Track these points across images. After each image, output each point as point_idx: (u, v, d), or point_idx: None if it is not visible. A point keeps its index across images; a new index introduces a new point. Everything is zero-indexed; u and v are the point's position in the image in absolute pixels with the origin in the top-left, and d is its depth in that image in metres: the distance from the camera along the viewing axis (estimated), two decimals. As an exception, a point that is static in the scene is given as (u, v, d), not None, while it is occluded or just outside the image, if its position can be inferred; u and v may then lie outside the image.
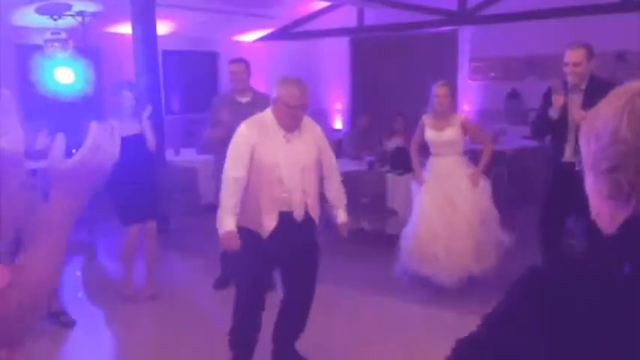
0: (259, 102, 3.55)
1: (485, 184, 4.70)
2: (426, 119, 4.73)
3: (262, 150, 3.22)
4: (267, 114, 3.32)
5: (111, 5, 7.38)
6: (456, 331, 3.97)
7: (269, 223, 3.27)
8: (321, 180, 3.49)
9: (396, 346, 3.94)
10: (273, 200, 3.25)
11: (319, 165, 3.43)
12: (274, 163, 3.23)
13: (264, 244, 3.29)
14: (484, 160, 4.66)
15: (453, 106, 4.71)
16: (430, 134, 4.70)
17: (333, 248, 6.18)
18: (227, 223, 3.22)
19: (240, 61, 4.84)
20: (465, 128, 4.64)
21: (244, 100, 4.67)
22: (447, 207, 4.59)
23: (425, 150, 4.93)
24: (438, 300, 4.60)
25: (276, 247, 3.30)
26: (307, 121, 3.37)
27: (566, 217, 4.44)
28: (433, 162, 4.78)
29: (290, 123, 3.26)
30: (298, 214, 3.32)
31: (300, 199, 3.31)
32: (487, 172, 4.87)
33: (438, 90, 4.58)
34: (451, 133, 4.61)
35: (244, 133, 3.27)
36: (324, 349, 3.88)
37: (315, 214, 3.41)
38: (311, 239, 3.49)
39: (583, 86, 4.08)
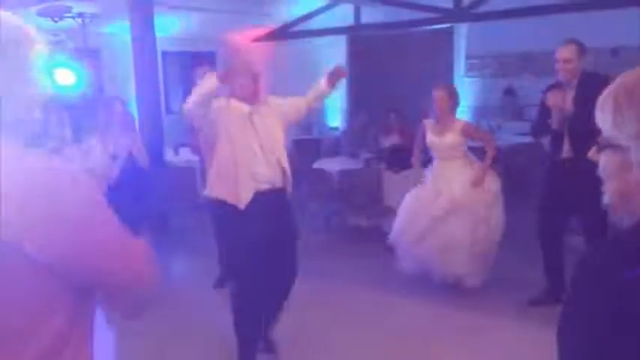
0: None
1: (489, 189, 4.61)
2: (428, 124, 4.75)
3: (232, 129, 3.35)
4: (228, 100, 3.43)
5: (111, 7, 7.43)
6: (456, 327, 4.09)
7: (245, 194, 3.35)
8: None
9: (394, 343, 3.96)
10: (250, 174, 3.36)
11: (286, 136, 3.59)
12: (244, 139, 3.34)
13: (245, 216, 3.36)
14: (488, 164, 4.61)
15: (452, 110, 4.65)
16: (431, 139, 4.71)
17: (331, 246, 6.24)
18: (209, 79, 3.23)
19: (205, 65, 5.10)
20: (467, 134, 4.61)
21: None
22: (432, 204, 4.61)
23: (427, 154, 4.97)
24: (438, 297, 4.61)
25: (259, 225, 3.37)
26: (267, 98, 3.53)
27: (569, 216, 4.37)
28: (437, 165, 4.78)
29: (248, 84, 3.38)
30: (275, 187, 3.43)
31: (276, 172, 3.43)
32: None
33: (435, 93, 4.61)
34: (451, 138, 4.60)
35: (216, 103, 3.38)
36: (322, 346, 3.91)
37: (289, 186, 3.53)
38: (290, 218, 3.62)
39: (575, 83, 4.08)
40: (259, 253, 3.43)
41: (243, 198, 3.35)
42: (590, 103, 1.10)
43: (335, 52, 10.48)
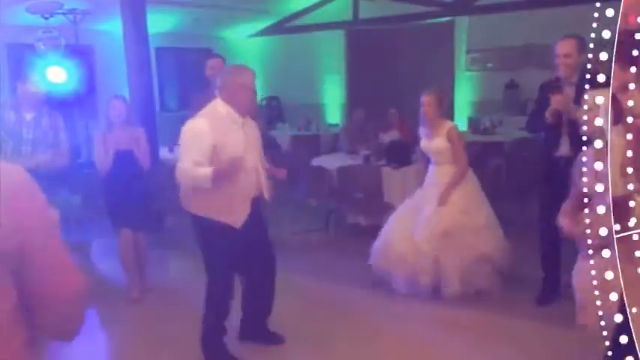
0: None
1: (456, 203, 4.54)
2: (421, 129, 4.74)
3: (227, 144, 3.26)
4: (219, 104, 3.33)
5: (102, 3, 7.34)
6: (453, 326, 3.93)
7: (243, 211, 3.35)
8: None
9: (393, 341, 3.92)
10: (242, 188, 3.32)
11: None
12: (239, 153, 3.27)
13: (237, 233, 3.35)
14: (453, 182, 4.53)
15: (440, 114, 4.61)
16: (422, 143, 4.72)
17: (330, 244, 6.18)
18: (203, 171, 3.19)
19: (217, 56, 5.06)
20: (450, 138, 4.55)
21: None
22: (417, 216, 4.60)
23: None
24: (436, 295, 4.54)
25: (245, 233, 3.39)
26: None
27: None
28: (430, 170, 4.76)
29: (250, 105, 3.39)
30: (256, 195, 3.44)
31: (257, 180, 3.44)
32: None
33: (423, 99, 4.57)
34: (438, 142, 4.56)
35: (206, 129, 3.25)
36: (320, 345, 3.86)
37: (266, 191, 3.54)
38: (263, 217, 3.66)
39: (574, 79, 3.95)
40: (241, 256, 3.49)
41: (239, 218, 3.34)
42: None
43: (333, 47, 10.38)
